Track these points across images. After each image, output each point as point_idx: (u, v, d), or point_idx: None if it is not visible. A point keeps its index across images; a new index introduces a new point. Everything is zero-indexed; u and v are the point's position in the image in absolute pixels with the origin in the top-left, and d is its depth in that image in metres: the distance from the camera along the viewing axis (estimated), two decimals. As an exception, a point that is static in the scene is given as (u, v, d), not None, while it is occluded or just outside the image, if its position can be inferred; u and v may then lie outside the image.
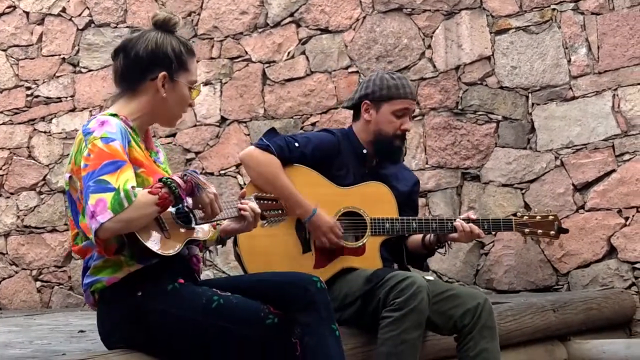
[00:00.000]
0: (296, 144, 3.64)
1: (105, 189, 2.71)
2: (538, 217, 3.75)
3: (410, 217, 3.67)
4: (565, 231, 3.83)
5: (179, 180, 2.79)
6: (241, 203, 3.05)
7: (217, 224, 3.11)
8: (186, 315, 2.81)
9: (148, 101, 2.94)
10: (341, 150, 3.72)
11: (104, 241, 2.78)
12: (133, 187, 2.73)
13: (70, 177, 2.87)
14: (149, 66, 2.93)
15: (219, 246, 3.18)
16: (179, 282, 2.87)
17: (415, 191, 3.89)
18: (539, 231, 3.73)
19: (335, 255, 3.62)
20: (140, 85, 2.94)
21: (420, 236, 3.75)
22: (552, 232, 3.73)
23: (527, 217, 3.75)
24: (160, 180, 2.79)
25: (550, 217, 3.75)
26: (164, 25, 2.97)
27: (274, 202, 3.21)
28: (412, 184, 3.87)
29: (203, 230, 2.97)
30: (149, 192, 2.75)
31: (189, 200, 2.85)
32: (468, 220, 3.67)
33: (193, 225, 2.89)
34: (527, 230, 3.73)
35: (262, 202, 3.15)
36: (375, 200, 3.66)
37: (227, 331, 2.81)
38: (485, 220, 3.70)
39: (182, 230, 2.87)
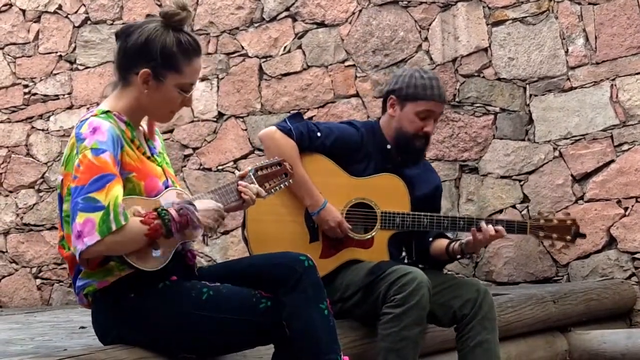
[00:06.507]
0: (318, 134, 3.59)
1: (94, 208, 2.65)
2: (555, 221, 3.66)
3: (422, 213, 3.61)
4: (583, 236, 3.73)
5: (174, 214, 2.73)
6: (241, 186, 2.96)
7: None
8: (178, 310, 2.79)
9: (135, 96, 2.84)
10: (363, 145, 3.65)
11: (87, 259, 2.74)
12: (123, 207, 2.66)
13: (63, 180, 2.82)
14: (135, 60, 2.82)
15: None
16: (171, 279, 2.85)
17: (437, 195, 3.81)
18: (554, 235, 3.65)
19: (343, 246, 3.59)
20: (129, 76, 2.85)
21: (444, 244, 3.69)
22: (568, 237, 3.65)
23: (543, 221, 3.66)
24: (155, 209, 2.73)
25: (568, 222, 3.66)
26: (166, 20, 2.83)
27: (277, 167, 3.09)
28: (433, 187, 3.79)
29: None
30: (141, 221, 2.69)
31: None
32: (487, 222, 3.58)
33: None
34: (541, 233, 3.65)
35: (263, 171, 3.06)
36: (387, 192, 3.62)
37: (221, 321, 2.80)
38: (500, 222, 3.63)
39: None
